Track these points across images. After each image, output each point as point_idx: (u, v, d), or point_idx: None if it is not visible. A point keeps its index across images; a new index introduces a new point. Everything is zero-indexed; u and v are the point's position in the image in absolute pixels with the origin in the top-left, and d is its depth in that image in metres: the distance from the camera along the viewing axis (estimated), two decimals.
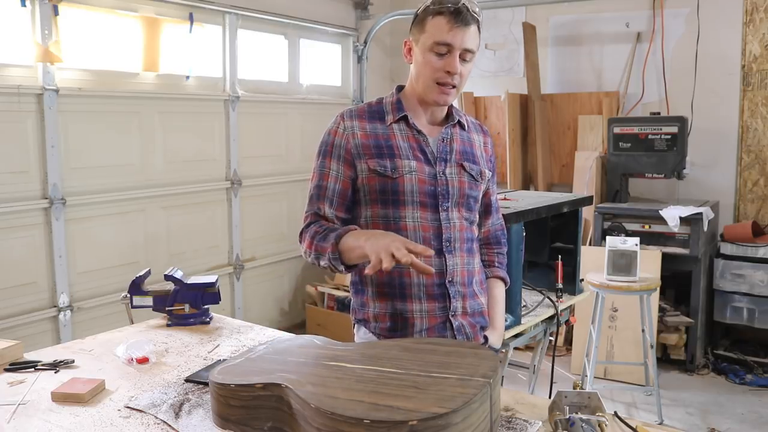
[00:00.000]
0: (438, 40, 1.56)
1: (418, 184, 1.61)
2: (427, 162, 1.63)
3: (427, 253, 1.41)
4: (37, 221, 3.36)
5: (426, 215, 1.62)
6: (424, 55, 1.60)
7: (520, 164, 5.15)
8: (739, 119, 4.48)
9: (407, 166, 1.61)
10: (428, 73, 1.60)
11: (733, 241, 4.24)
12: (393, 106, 1.68)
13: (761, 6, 4.34)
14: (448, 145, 1.68)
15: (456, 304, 1.64)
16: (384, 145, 1.63)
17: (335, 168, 1.65)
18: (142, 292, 1.97)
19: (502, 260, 1.86)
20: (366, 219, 1.65)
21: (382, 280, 1.62)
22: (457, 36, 1.55)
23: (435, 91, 1.61)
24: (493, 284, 1.81)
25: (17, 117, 3.25)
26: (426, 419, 1.00)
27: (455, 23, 1.55)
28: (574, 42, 5.06)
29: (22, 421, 1.31)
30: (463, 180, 1.66)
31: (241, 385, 1.21)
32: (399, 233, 1.57)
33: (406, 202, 1.61)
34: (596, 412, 1.26)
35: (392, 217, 1.61)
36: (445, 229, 1.63)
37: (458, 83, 1.61)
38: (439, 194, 1.63)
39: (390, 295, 1.63)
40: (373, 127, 1.65)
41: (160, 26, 3.89)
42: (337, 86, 5.45)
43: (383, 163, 1.60)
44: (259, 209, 4.57)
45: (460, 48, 1.57)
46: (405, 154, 1.62)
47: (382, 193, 1.61)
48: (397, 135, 1.65)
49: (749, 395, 3.88)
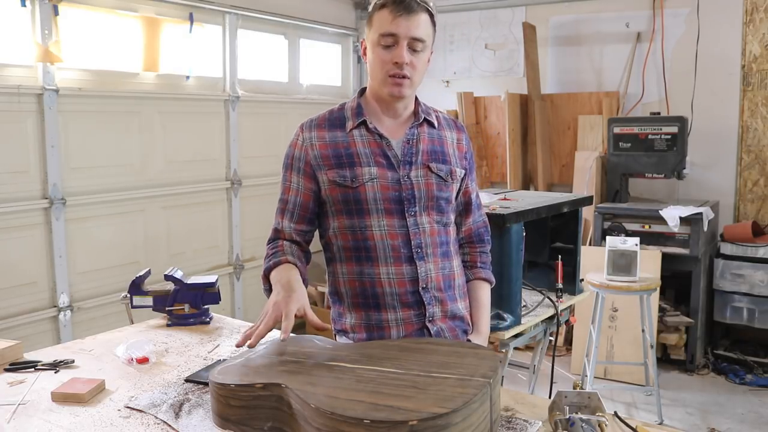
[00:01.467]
0: (382, 32, 1.53)
1: (381, 191, 1.56)
2: (390, 167, 1.58)
3: (324, 329, 1.40)
4: (37, 221, 3.36)
5: (393, 222, 1.57)
6: (373, 50, 1.57)
7: (520, 164, 5.14)
8: (739, 119, 4.48)
9: (368, 173, 1.56)
10: (379, 68, 1.55)
11: (733, 241, 4.23)
12: (353, 111, 1.63)
13: (761, 6, 4.34)
14: (414, 146, 1.62)
15: (433, 309, 1.59)
16: (344, 154, 1.58)
17: (295, 181, 1.62)
18: (142, 292, 1.97)
19: (486, 259, 1.79)
20: (334, 230, 1.62)
21: (356, 291, 1.61)
22: (401, 25, 1.51)
23: (388, 84, 1.55)
24: (476, 286, 1.75)
25: (17, 117, 3.25)
26: (426, 419, 1.00)
27: (398, 12, 1.50)
28: (574, 42, 5.06)
29: (22, 421, 1.31)
30: (430, 182, 1.60)
31: (241, 385, 1.21)
32: (366, 243, 1.57)
33: (371, 210, 1.56)
34: (596, 412, 1.26)
35: (358, 227, 1.57)
36: (414, 235, 1.57)
37: (411, 74, 1.55)
38: (405, 199, 1.57)
39: (364, 305, 1.60)
40: (333, 135, 1.61)
41: (160, 26, 3.89)
42: (337, 86, 5.45)
43: (342, 173, 1.56)
44: (259, 209, 4.57)
45: (406, 37, 1.52)
46: (365, 161, 1.57)
47: (345, 203, 1.57)
48: (357, 142, 1.59)
49: (749, 395, 3.88)
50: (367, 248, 1.57)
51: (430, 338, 1.58)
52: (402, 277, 1.57)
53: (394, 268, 1.57)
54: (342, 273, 1.63)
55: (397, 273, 1.57)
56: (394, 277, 1.57)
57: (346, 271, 1.62)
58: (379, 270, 1.57)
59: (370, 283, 1.58)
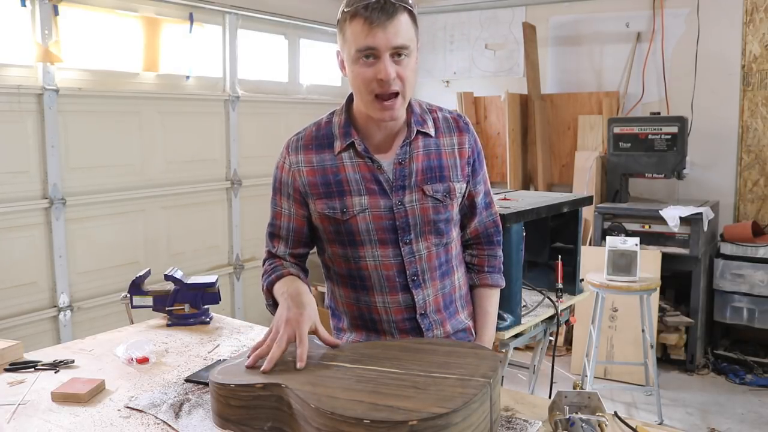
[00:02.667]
0: (359, 47, 1.34)
1: (374, 221, 1.45)
2: (382, 193, 1.46)
3: (336, 345, 1.35)
4: (37, 221, 3.36)
5: (387, 252, 1.48)
6: (351, 68, 1.39)
7: (520, 164, 5.15)
8: (739, 119, 4.48)
9: (358, 204, 1.45)
10: (362, 87, 1.38)
11: (733, 241, 4.23)
12: (341, 130, 1.49)
13: (761, 6, 4.34)
14: (407, 166, 1.47)
15: (434, 333, 1.55)
16: (333, 181, 1.47)
17: (286, 207, 1.55)
18: (142, 292, 1.97)
19: (494, 263, 1.67)
20: (329, 255, 1.56)
21: (354, 314, 1.56)
22: (378, 36, 1.32)
23: (376, 108, 1.39)
24: (482, 294, 1.66)
25: (17, 117, 3.25)
26: (426, 419, 1.00)
27: (373, 21, 1.31)
28: (574, 42, 5.06)
29: (22, 421, 1.31)
30: (426, 206, 1.48)
31: (241, 385, 1.21)
32: (361, 273, 1.50)
33: (363, 241, 1.47)
34: (596, 412, 1.26)
35: (351, 256, 1.50)
36: (409, 264, 1.49)
37: (401, 88, 1.37)
38: (399, 228, 1.47)
39: (363, 327, 1.56)
40: (321, 159, 1.48)
41: (160, 26, 3.89)
42: (337, 86, 5.44)
43: (332, 204, 1.46)
44: (259, 209, 4.56)
45: (387, 48, 1.33)
46: (356, 188, 1.46)
47: (337, 234, 1.49)
48: (347, 166, 1.47)
49: (749, 395, 3.88)
50: (361, 277, 1.52)
51: (430, 338, 1.58)
52: (398, 305, 1.52)
53: (389, 297, 1.51)
54: (340, 295, 1.60)
55: (392, 301, 1.52)
56: (390, 305, 1.52)
57: (343, 294, 1.58)
58: (375, 299, 1.52)
59: (367, 309, 1.54)
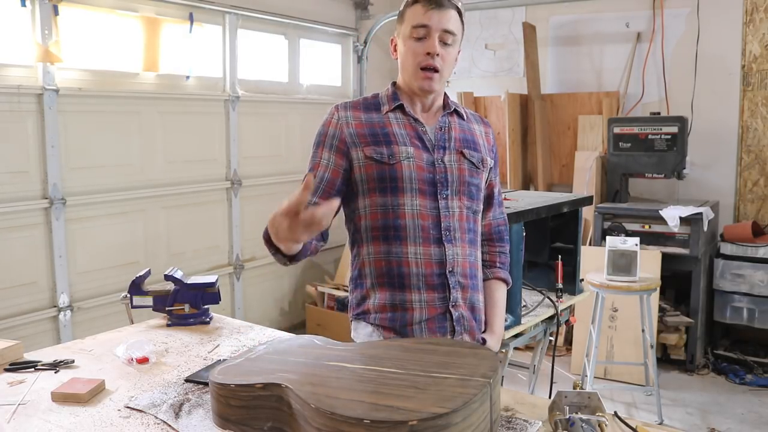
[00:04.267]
0: (415, 24, 1.58)
1: (417, 170, 1.59)
2: (425, 149, 1.62)
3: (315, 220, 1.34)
4: (37, 221, 3.36)
5: (425, 203, 1.60)
6: (405, 43, 1.62)
7: (520, 164, 5.15)
8: (739, 119, 4.48)
9: (404, 152, 1.60)
10: (410, 59, 1.60)
11: (733, 241, 4.23)
12: (389, 97, 1.68)
13: (761, 6, 4.34)
14: (446, 133, 1.67)
15: (456, 294, 1.62)
16: (380, 133, 1.62)
17: (326, 157, 1.64)
18: (142, 292, 1.97)
19: (504, 260, 1.82)
20: (365, 209, 1.63)
21: (381, 270, 1.62)
22: (433, 17, 1.57)
23: (419, 77, 1.60)
24: (494, 286, 1.77)
25: (17, 117, 3.25)
26: (426, 419, 1.00)
27: (430, 6, 1.57)
28: (574, 42, 5.06)
29: (22, 421, 1.31)
30: (463, 167, 1.64)
31: (241, 385, 1.21)
32: (397, 222, 1.59)
33: (405, 189, 1.59)
34: (596, 412, 1.26)
35: (390, 205, 1.60)
36: (444, 218, 1.61)
37: (440, 66, 1.59)
38: (438, 182, 1.61)
39: (389, 285, 1.62)
40: (369, 116, 1.65)
41: (160, 26, 3.89)
42: (337, 86, 5.45)
43: (380, 150, 1.59)
44: (259, 209, 4.56)
45: (438, 29, 1.57)
46: (402, 140, 1.61)
47: (380, 180, 1.59)
48: (393, 123, 1.64)
49: (749, 395, 3.88)
50: (396, 227, 1.59)
51: (430, 338, 1.59)
52: (429, 258, 1.60)
53: (422, 248, 1.60)
54: (368, 253, 1.64)
55: (425, 254, 1.60)
56: (421, 257, 1.59)
57: (372, 251, 1.63)
58: (407, 249, 1.59)
59: (397, 263, 1.60)
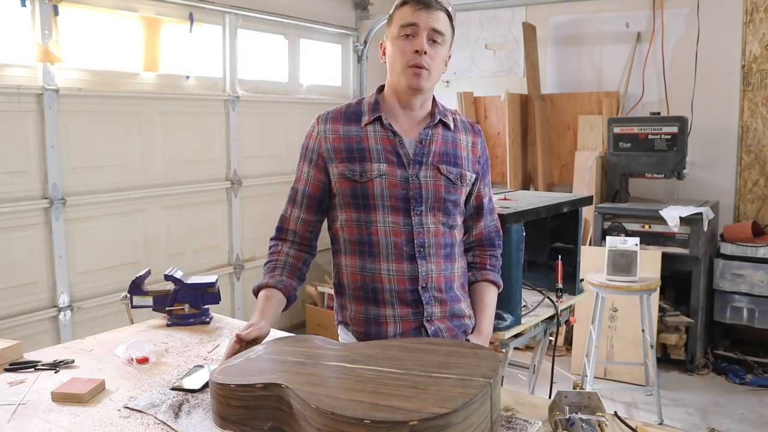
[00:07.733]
0: (403, 23, 1.58)
1: (389, 188, 1.58)
2: (399, 165, 1.60)
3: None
4: (37, 221, 3.35)
5: (398, 220, 1.59)
6: (393, 43, 1.61)
7: (520, 164, 5.15)
8: (739, 119, 4.48)
9: (377, 169, 1.59)
10: (399, 58, 1.59)
11: (733, 241, 4.24)
12: (370, 106, 1.66)
13: (761, 6, 4.34)
14: (426, 146, 1.64)
15: (432, 309, 1.61)
16: (355, 149, 1.61)
17: (306, 171, 1.68)
18: (142, 292, 1.97)
19: (495, 263, 1.80)
20: (341, 223, 1.65)
21: (357, 284, 1.63)
22: (421, 16, 1.57)
23: (408, 74, 1.58)
24: (483, 288, 1.76)
25: (17, 117, 3.25)
26: (426, 419, 1.00)
27: (418, 6, 1.57)
28: (574, 42, 5.06)
29: (22, 421, 1.31)
30: (439, 183, 1.62)
31: (241, 385, 1.21)
32: (371, 238, 1.60)
33: (377, 206, 1.59)
34: (596, 412, 1.26)
35: (364, 221, 1.61)
36: (418, 234, 1.60)
37: (429, 65, 1.58)
38: (412, 198, 1.59)
39: (364, 299, 1.63)
40: (347, 129, 1.64)
41: (160, 26, 3.89)
42: (337, 86, 5.44)
43: (352, 167, 1.60)
44: (259, 209, 4.56)
45: (427, 27, 1.57)
46: (376, 156, 1.60)
47: (353, 197, 1.61)
48: (370, 137, 1.62)
49: (749, 395, 3.88)
50: (370, 243, 1.60)
51: (430, 338, 1.59)
52: (402, 274, 1.59)
53: (394, 265, 1.60)
54: (345, 266, 1.66)
55: (397, 270, 1.59)
56: (394, 274, 1.60)
57: (349, 264, 1.65)
58: (380, 266, 1.60)
59: (371, 278, 1.61)
